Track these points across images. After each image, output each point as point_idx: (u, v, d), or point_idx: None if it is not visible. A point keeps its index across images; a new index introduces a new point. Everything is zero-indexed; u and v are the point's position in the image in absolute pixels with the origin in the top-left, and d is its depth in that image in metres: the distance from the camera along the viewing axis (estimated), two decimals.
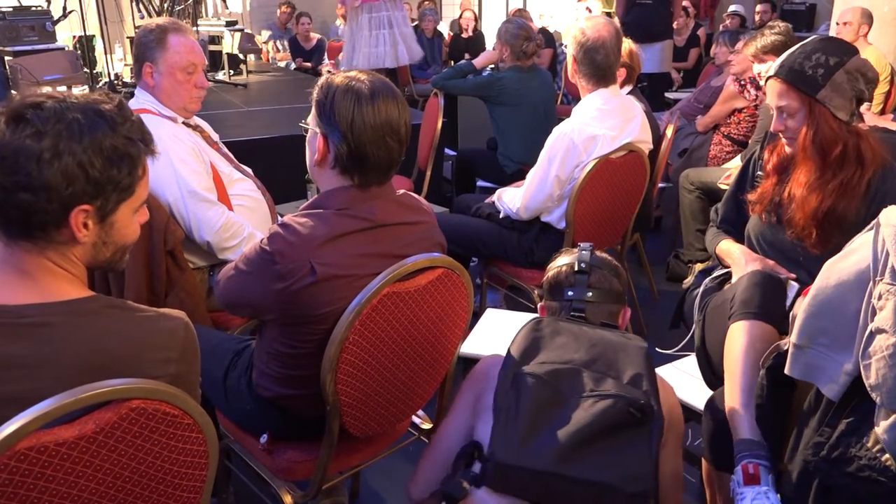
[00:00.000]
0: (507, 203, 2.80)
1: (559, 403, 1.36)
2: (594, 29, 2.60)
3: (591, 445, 1.31)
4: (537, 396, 1.36)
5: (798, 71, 1.78)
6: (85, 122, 1.03)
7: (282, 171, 3.06)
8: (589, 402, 1.35)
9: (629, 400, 1.35)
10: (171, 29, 2.21)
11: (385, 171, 1.58)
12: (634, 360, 1.43)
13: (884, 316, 1.10)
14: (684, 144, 4.25)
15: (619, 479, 1.29)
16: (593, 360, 1.42)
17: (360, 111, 1.51)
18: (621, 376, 1.40)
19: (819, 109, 1.78)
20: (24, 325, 1.01)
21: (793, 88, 1.79)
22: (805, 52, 1.79)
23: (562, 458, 1.29)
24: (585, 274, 1.61)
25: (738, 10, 7.55)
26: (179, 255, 2.14)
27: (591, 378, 1.39)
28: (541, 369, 1.40)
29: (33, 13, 4.85)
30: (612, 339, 1.48)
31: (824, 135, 1.79)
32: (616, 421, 1.34)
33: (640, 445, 1.34)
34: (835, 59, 1.75)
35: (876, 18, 4.54)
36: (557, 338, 1.47)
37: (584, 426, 1.32)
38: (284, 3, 8.29)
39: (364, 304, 1.48)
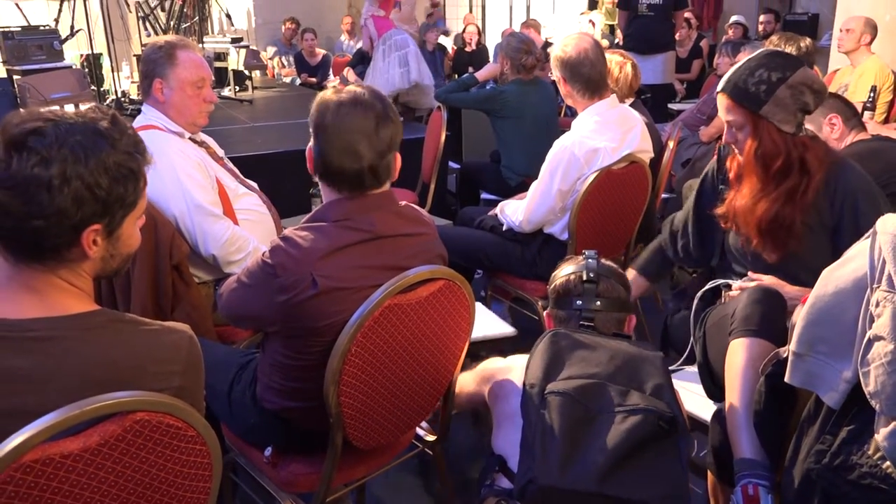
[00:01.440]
0: (509, 216, 2.81)
1: (591, 421, 1.39)
2: (574, 46, 2.62)
3: (628, 462, 1.34)
4: (569, 415, 1.38)
5: (741, 88, 1.82)
6: (87, 144, 1.04)
7: (287, 186, 3.08)
8: (619, 418, 1.38)
9: (658, 413, 1.38)
10: (179, 45, 2.25)
11: (355, 180, 1.57)
12: (655, 371, 1.46)
13: (881, 323, 1.11)
14: (687, 155, 4.26)
15: (659, 497, 1.33)
16: (616, 372, 1.45)
17: (332, 119, 1.55)
18: (644, 388, 1.43)
19: (763, 124, 1.82)
20: (31, 339, 1.03)
21: (737, 104, 1.84)
22: (749, 69, 1.83)
23: (603, 479, 1.32)
24: (594, 283, 1.64)
25: (740, 20, 7.57)
26: (185, 269, 2.16)
27: (616, 392, 1.42)
28: (568, 386, 1.41)
29: (41, 32, 4.91)
30: (630, 351, 1.50)
31: (766, 149, 1.84)
32: (647, 435, 1.36)
33: (672, 459, 1.37)
34: (777, 74, 1.79)
35: (879, 27, 4.55)
36: (577, 351, 1.49)
37: (620, 444, 1.34)
38: (289, 19, 8.36)
39: (366, 315, 1.49)
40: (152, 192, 2.13)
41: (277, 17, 8.48)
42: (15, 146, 1.01)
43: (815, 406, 1.29)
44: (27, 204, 1.00)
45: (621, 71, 3.33)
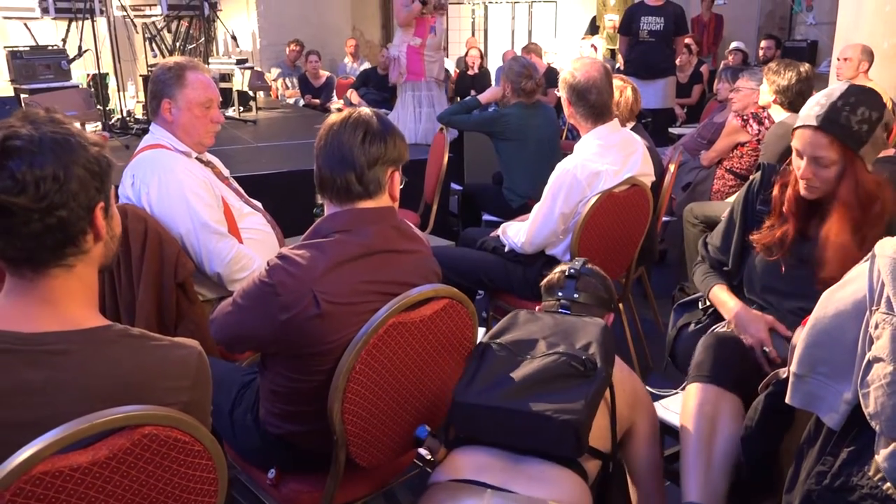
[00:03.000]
0: (511, 237, 2.83)
1: (514, 362, 1.61)
2: (583, 70, 2.65)
3: (533, 388, 1.54)
4: (496, 358, 1.63)
5: (845, 126, 1.74)
6: (61, 134, 1.07)
7: (291, 205, 3.10)
8: (538, 360, 1.59)
9: (571, 356, 1.58)
10: (188, 66, 2.28)
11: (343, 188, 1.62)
12: (589, 333, 1.65)
13: (881, 345, 1.12)
14: (688, 179, 4.29)
15: (553, 410, 1.49)
16: (552, 334, 1.66)
17: (326, 134, 1.62)
18: (574, 344, 1.62)
19: (859, 164, 1.77)
20: (44, 352, 1.04)
21: (837, 142, 1.75)
22: (850, 105, 1.74)
23: (507, 397, 1.53)
24: (575, 279, 1.86)
25: (740, 46, 7.66)
26: (189, 287, 2.17)
27: (545, 344, 1.63)
28: (504, 340, 1.67)
29: (50, 52, 4.97)
30: (574, 322, 1.71)
31: (868, 189, 1.77)
32: (560, 371, 1.56)
33: (577, 389, 1.53)
34: (877, 113, 1.74)
35: (877, 54, 4.61)
36: (529, 324, 1.72)
37: (529, 374, 1.56)
38: (293, 41, 8.45)
39: (371, 333, 1.51)
40: (159, 210, 2.18)
41: (282, 40, 8.57)
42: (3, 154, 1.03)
43: (815, 427, 1.30)
44: (44, 198, 1.03)
45: (622, 95, 3.38)
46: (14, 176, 1.01)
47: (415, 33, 5.02)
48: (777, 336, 1.88)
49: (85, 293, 1.13)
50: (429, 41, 5.02)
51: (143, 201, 2.19)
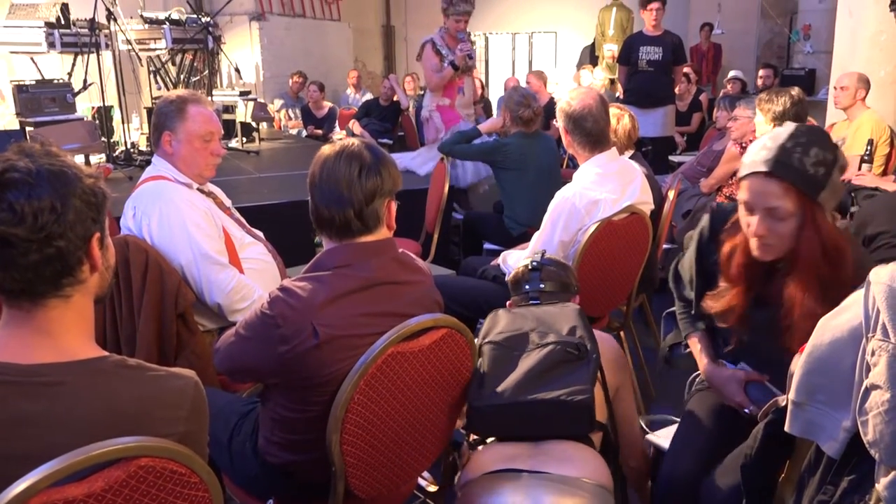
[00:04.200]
0: (511, 266, 2.83)
1: (512, 359, 1.75)
2: (579, 99, 2.68)
3: (541, 378, 1.68)
4: (495, 357, 1.76)
5: (799, 169, 1.52)
6: (57, 166, 1.09)
7: (292, 235, 3.11)
8: (536, 352, 1.74)
9: (566, 342, 1.74)
10: (191, 100, 2.31)
11: (343, 228, 1.61)
12: (569, 318, 1.82)
13: (877, 372, 1.12)
14: (688, 206, 4.30)
15: (566, 394, 1.65)
16: (537, 325, 1.81)
17: (320, 170, 1.61)
18: (560, 331, 1.78)
19: (820, 213, 1.54)
20: (40, 384, 1.05)
21: (792, 188, 1.54)
22: (802, 146, 1.53)
23: (518, 391, 1.67)
24: (538, 270, 2.01)
25: (738, 75, 7.74)
26: (190, 317, 2.18)
27: (536, 335, 1.78)
28: (497, 337, 1.81)
29: (55, 86, 5.02)
30: (552, 310, 1.87)
31: (834, 241, 1.55)
32: (559, 359, 1.72)
33: (579, 371, 1.69)
34: (831, 155, 1.54)
35: (874, 82, 4.65)
36: (508, 317, 1.88)
37: (533, 366, 1.70)
38: (296, 73, 8.55)
39: (369, 363, 1.51)
40: (160, 241, 2.19)
41: (285, 71, 8.67)
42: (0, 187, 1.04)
43: (815, 456, 1.29)
44: (42, 229, 1.04)
45: (619, 123, 3.40)
46: (13, 207, 1.03)
47: (444, 94, 4.98)
48: (754, 386, 1.80)
49: (81, 324, 1.14)
50: (458, 101, 4.99)
51: (144, 232, 2.21)
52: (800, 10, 8.60)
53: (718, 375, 1.87)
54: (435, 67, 4.83)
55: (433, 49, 4.84)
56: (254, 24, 8.52)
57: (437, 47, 4.83)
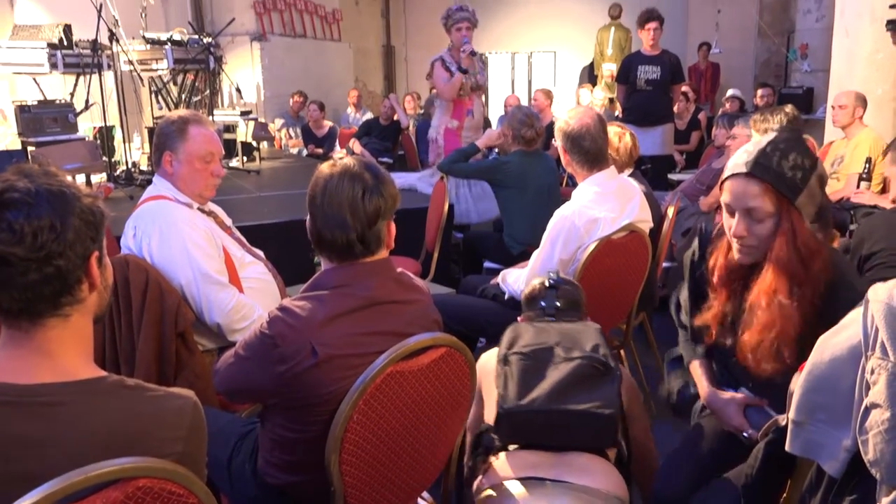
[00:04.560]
0: (511, 284, 2.84)
1: (540, 370, 1.82)
2: (577, 118, 2.70)
3: (570, 390, 1.76)
4: (523, 367, 1.82)
5: (777, 171, 1.57)
6: (56, 186, 1.09)
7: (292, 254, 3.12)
8: (563, 364, 1.81)
9: (592, 358, 1.82)
10: (192, 120, 2.33)
11: (346, 250, 1.60)
12: (592, 336, 1.90)
13: (877, 391, 1.12)
14: (688, 224, 4.31)
15: (595, 406, 1.74)
16: (561, 340, 1.88)
17: (322, 191, 1.60)
18: (584, 348, 1.85)
19: (796, 216, 1.59)
20: (38, 404, 1.05)
21: (771, 189, 1.58)
22: (782, 151, 1.59)
23: (551, 400, 1.75)
24: (555, 288, 2.08)
25: (736, 94, 7.79)
26: (189, 337, 2.18)
27: (562, 350, 1.85)
28: (523, 349, 1.86)
29: (57, 106, 5.05)
30: (572, 326, 1.96)
31: (806, 244, 1.57)
32: (585, 373, 1.80)
33: (606, 387, 1.78)
34: (809, 161, 1.59)
35: (871, 101, 4.68)
36: (532, 330, 1.94)
37: (563, 378, 1.78)
38: (297, 92, 8.60)
39: (368, 383, 1.50)
40: (160, 261, 2.20)
41: (286, 91, 8.72)
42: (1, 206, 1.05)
43: (816, 475, 1.29)
44: (42, 248, 1.05)
45: (620, 141, 3.42)
46: (12, 227, 1.03)
47: (452, 115, 5.01)
48: (754, 410, 1.80)
49: (80, 343, 1.14)
50: (466, 123, 5.00)
51: (145, 252, 2.21)
52: (797, 29, 8.67)
53: (718, 399, 1.86)
54: (445, 80, 4.91)
55: (442, 65, 4.93)
56: (255, 44, 8.58)
57: (446, 63, 4.91)
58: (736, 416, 1.80)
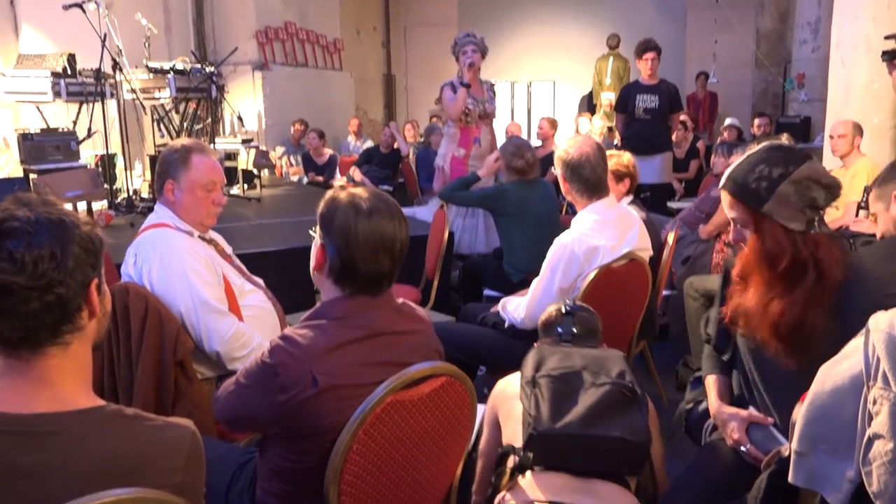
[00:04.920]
0: (511, 312, 2.83)
1: (571, 393, 1.82)
2: (576, 147, 2.72)
3: (601, 416, 1.77)
4: (555, 389, 1.83)
5: (742, 184, 1.73)
6: (55, 215, 1.10)
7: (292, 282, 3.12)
8: (594, 390, 1.82)
9: (621, 384, 1.83)
10: (196, 149, 2.35)
11: (375, 284, 1.62)
12: (618, 363, 1.91)
13: (880, 421, 1.11)
14: (687, 252, 4.31)
15: (627, 434, 1.75)
16: (587, 365, 1.89)
17: (355, 226, 1.58)
18: (611, 373, 1.87)
19: (766, 222, 1.71)
20: (36, 433, 1.04)
21: (739, 201, 1.75)
22: (750, 164, 1.74)
23: (585, 425, 1.75)
24: (571, 315, 2.11)
25: (734, 123, 7.85)
26: (188, 365, 2.17)
27: (589, 374, 1.86)
28: (552, 372, 1.87)
29: (59, 134, 5.08)
30: (596, 352, 1.97)
31: (770, 247, 1.72)
32: (615, 399, 1.81)
33: (634, 414, 1.80)
34: (779, 169, 1.69)
35: (868, 129, 4.71)
36: (556, 354, 1.94)
37: (594, 403, 1.79)
38: (298, 120, 8.66)
39: (368, 412, 1.49)
40: (160, 288, 2.20)
41: (287, 119, 8.79)
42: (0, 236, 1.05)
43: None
44: (43, 276, 1.05)
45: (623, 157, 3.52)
46: (13, 256, 1.04)
47: (459, 143, 5.01)
48: (758, 428, 1.81)
49: (80, 372, 1.14)
50: (473, 151, 5.00)
51: (145, 279, 2.22)
52: (793, 59, 8.76)
53: (723, 412, 1.91)
54: (451, 98, 4.93)
55: (450, 88, 4.98)
56: (257, 73, 8.66)
57: (454, 85, 4.96)
58: (737, 430, 1.83)
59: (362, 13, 11.56)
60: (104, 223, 4.53)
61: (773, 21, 9.88)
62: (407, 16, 12.32)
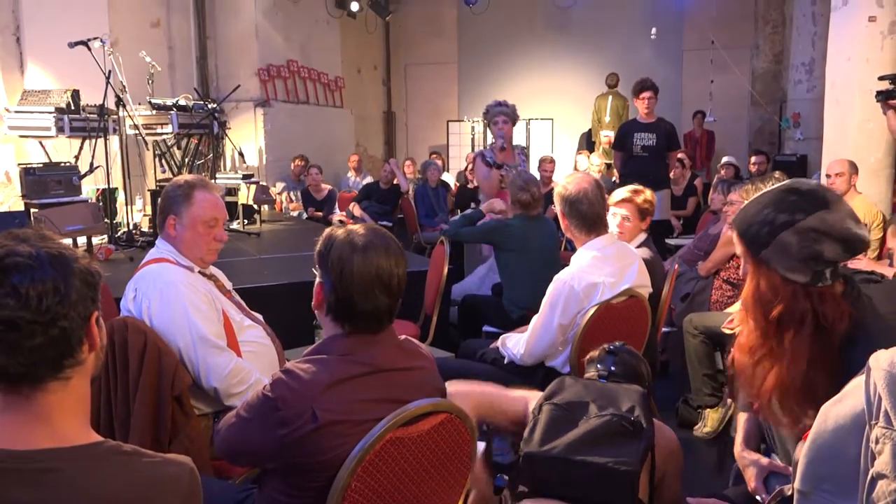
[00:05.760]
0: (511, 349, 2.83)
1: (571, 421, 1.85)
2: (575, 182, 2.75)
3: (593, 444, 1.78)
4: (554, 416, 1.87)
5: (746, 224, 1.62)
6: (55, 249, 1.10)
7: (291, 317, 3.11)
8: (594, 420, 1.84)
9: (622, 416, 1.84)
10: (199, 185, 2.36)
11: (373, 321, 1.62)
12: (631, 398, 1.91)
13: (883, 461, 1.10)
14: (686, 289, 4.32)
15: (613, 462, 1.74)
16: (598, 397, 1.92)
17: (351, 262, 1.59)
18: (619, 407, 1.88)
19: (763, 268, 1.58)
20: (34, 470, 1.03)
21: (741, 241, 1.64)
22: (759, 204, 1.61)
23: (571, 450, 1.77)
24: (614, 354, 2.16)
25: (731, 160, 7.91)
26: (186, 400, 2.16)
27: (595, 406, 1.88)
28: (559, 400, 1.92)
29: (61, 169, 5.12)
30: (615, 387, 1.98)
31: (762, 293, 1.59)
32: (613, 430, 1.81)
33: (630, 445, 1.79)
34: (784, 216, 1.55)
35: (864, 168, 4.76)
36: (575, 386, 1.98)
37: (589, 431, 1.81)
38: (298, 156, 8.73)
39: (367, 448, 1.48)
40: (159, 323, 2.19)
41: (288, 155, 8.85)
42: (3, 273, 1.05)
43: None
44: (47, 311, 1.05)
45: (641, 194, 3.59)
46: (17, 291, 1.04)
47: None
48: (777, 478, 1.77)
49: (79, 406, 1.13)
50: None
51: (144, 314, 2.21)
52: (789, 98, 8.86)
53: (744, 458, 1.88)
54: (485, 175, 5.06)
55: (483, 161, 5.08)
56: (259, 109, 8.76)
57: (486, 158, 5.07)
58: (755, 479, 1.80)
59: (363, 52, 11.72)
60: (104, 257, 4.54)
61: (768, 62, 10.03)
62: (407, 55, 12.49)
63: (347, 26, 10.75)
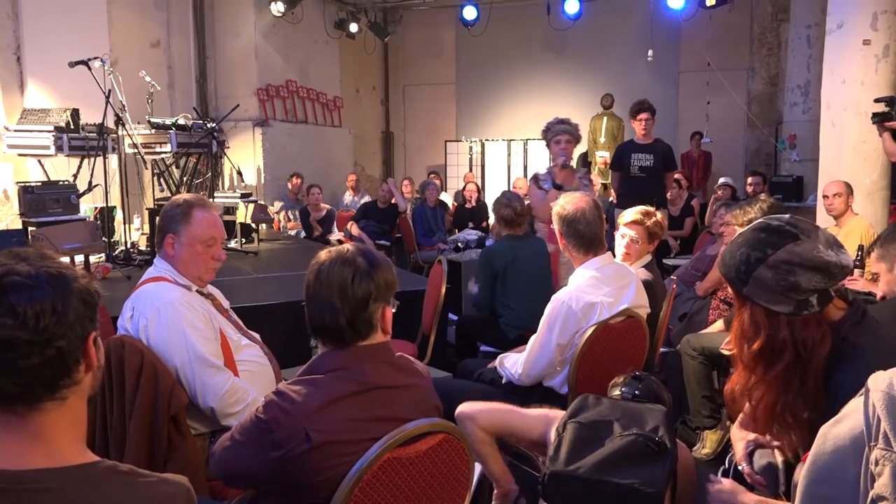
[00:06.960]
0: (509, 368, 2.82)
1: (596, 440, 1.87)
2: (572, 202, 2.76)
3: (619, 464, 1.80)
4: (579, 435, 1.89)
5: (727, 266, 1.70)
6: (55, 268, 1.10)
7: (288, 336, 3.11)
8: (619, 439, 1.86)
9: (647, 437, 1.85)
10: (197, 204, 2.36)
11: (336, 335, 1.62)
12: (655, 418, 1.93)
13: (882, 483, 1.10)
14: (684, 309, 4.32)
15: (639, 483, 1.76)
16: (622, 416, 1.94)
17: (314, 277, 1.63)
18: (644, 427, 1.89)
19: (748, 303, 1.65)
20: (29, 490, 1.02)
21: (727, 282, 1.73)
22: (736, 246, 1.68)
23: (598, 470, 1.79)
24: (638, 380, 2.20)
25: (727, 181, 7.94)
26: (182, 420, 2.14)
27: (620, 426, 1.90)
28: (583, 419, 1.94)
29: (60, 187, 5.12)
30: (639, 406, 2.01)
31: (745, 326, 1.66)
32: (638, 450, 1.83)
33: (655, 467, 1.80)
34: (756, 254, 1.62)
35: (860, 189, 4.78)
36: (599, 406, 2.00)
37: (614, 451, 1.82)
38: (296, 175, 8.76)
39: (364, 469, 1.48)
40: (156, 342, 2.18)
41: (286, 174, 8.88)
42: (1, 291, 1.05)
43: None
44: (45, 330, 1.05)
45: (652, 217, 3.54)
46: (15, 310, 1.04)
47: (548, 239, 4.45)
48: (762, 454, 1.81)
49: (75, 426, 1.13)
50: None
51: (141, 333, 2.20)
52: (785, 120, 8.92)
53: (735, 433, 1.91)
54: (540, 198, 4.52)
55: (535, 184, 4.65)
56: (257, 129, 8.80)
57: (540, 182, 4.64)
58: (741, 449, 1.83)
59: (362, 73, 11.81)
60: (101, 276, 4.53)
61: (763, 84, 10.12)
62: (406, 76, 12.58)
63: (346, 47, 10.84)
